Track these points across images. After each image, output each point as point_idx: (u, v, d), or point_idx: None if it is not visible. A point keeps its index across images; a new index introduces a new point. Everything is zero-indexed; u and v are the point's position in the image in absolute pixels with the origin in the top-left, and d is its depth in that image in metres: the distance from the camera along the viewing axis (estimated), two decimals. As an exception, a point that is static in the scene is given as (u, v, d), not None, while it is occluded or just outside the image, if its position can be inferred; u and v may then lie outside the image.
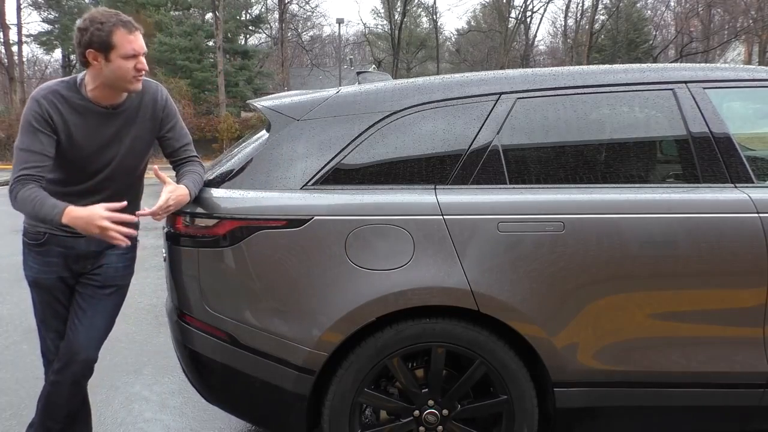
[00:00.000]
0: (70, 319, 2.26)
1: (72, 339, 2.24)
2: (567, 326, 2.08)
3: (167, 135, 2.29)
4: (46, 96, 2.08)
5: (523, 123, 2.22)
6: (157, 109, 2.24)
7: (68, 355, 2.23)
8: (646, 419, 2.19)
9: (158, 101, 2.25)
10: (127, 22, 2.04)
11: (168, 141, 2.30)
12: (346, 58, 44.50)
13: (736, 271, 2.09)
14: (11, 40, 30.62)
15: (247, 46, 37.42)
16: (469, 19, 53.41)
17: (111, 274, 2.28)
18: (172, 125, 2.30)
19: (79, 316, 2.25)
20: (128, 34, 2.03)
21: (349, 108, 2.25)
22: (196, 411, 3.04)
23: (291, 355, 2.09)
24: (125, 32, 2.03)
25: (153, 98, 2.24)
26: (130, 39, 2.04)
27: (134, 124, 2.20)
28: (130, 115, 2.19)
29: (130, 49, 2.04)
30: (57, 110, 2.08)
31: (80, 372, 2.25)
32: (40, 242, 2.21)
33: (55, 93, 2.10)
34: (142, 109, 2.21)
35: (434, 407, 2.15)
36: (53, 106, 2.07)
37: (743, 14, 32.37)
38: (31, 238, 2.24)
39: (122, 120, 2.18)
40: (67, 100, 2.10)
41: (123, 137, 2.19)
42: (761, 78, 2.34)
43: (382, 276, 2.06)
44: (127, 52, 2.03)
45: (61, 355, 2.26)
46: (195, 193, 2.17)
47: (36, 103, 2.07)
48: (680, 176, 2.24)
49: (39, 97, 2.08)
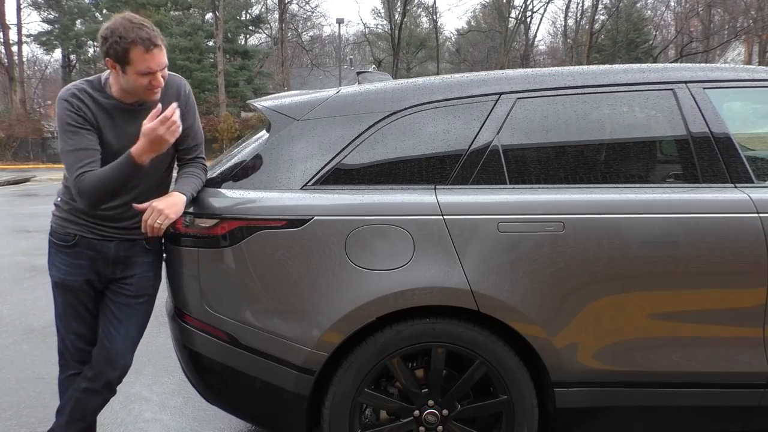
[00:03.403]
0: (104, 327, 2.27)
1: (109, 347, 2.25)
2: (567, 326, 2.08)
3: (185, 131, 2.25)
4: (74, 94, 2.10)
5: (523, 123, 2.22)
6: (180, 103, 2.23)
7: (105, 362, 2.25)
8: (646, 419, 2.19)
9: (181, 96, 2.25)
10: (146, 39, 2.00)
11: (183, 137, 2.26)
12: (346, 58, 44.52)
13: (736, 271, 2.08)
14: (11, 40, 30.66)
15: (247, 46, 37.45)
16: (469, 19, 53.47)
17: (144, 283, 2.29)
18: (191, 123, 2.29)
19: (114, 325, 2.26)
20: (145, 53, 2.01)
21: (349, 108, 2.25)
22: (196, 411, 3.04)
23: (291, 355, 2.09)
24: (142, 50, 2.01)
25: (176, 93, 2.24)
26: (145, 58, 2.02)
27: None
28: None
29: (144, 68, 2.03)
30: (87, 107, 2.10)
31: (117, 378, 2.30)
32: (70, 244, 2.21)
33: (81, 91, 2.11)
34: (165, 104, 2.19)
35: (434, 407, 2.15)
36: (83, 102, 2.09)
37: (743, 14, 32.38)
38: (60, 239, 2.23)
39: (146, 116, 2.16)
40: (94, 98, 2.12)
41: None
42: (761, 78, 2.34)
43: (382, 276, 2.06)
44: (141, 70, 2.03)
45: (95, 363, 2.27)
46: (191, 195, 2.16)
47: (67, 102, 2.08)
48: (680, 176, 2.24)
49: (67, 96, 2.09)
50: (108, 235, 2.21)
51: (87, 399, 2.28)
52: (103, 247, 2.22)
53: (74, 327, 2.29)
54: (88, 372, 2.28)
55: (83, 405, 2.29)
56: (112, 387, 2.31)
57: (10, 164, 25.79)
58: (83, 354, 2.31)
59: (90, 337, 2.31)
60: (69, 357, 2.32)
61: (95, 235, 2.20)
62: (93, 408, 2.32)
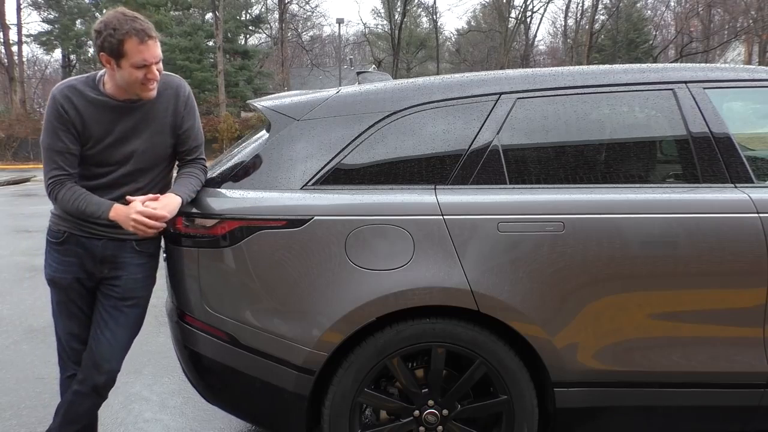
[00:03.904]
0: (93, 329, 2.26)
1: (95, 350, 2.24)
2: (567, 326, 2.08)
3: (184, 133, 2.27)
4: (62, 91, 2.12)
5: (523, 123, 2.22)
6: (179, 104, 2.23)
7: (91, 366, 2.24)
8: (646, 419, 2.19)
9: (180, 96, 2.24)
10: (140, 30, 2.01)
11: (183, 139, 2.27)
12: (346, 58, 44.52)
13: (736, 271, 2.08)
14: (11, 40, 30.66)
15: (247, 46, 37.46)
16: (469, 19, 53.48)
17: (130, 285, 2.26)
18: (191, 124, 2.28)
19: (101, 328, 2.25)
20: (139, 44, 2.01)
21: (349, 108, 2.25)
22: (196, 411, 3.04)
23: (291, 355, 2.09)
24: (137, 42, 2.01)
25: (175, 94, 2.23)
26: (140, 49, 2.02)
27: (154, 119, 2.19)
28: (149, 110, 2.18)
29: (140, 59, 2.02)
30: (71, 103, 2.10)
31: (102, 383, 2.26)
32: (60, 240, 2.22)
33: (70, 88, 2.13)
34: (162, 104, 2.20)
35: (434, 407, 2.15)
36: (68, 100, 2.10)
37: (743, 14, 32.38)
38: (53, 236, 2.24)
39: (140, 114, 2.17)
40: (83, 93, 2.12)
41: (141, 131, 2.18)
42: (761, 78, 2.34)
43: (382, 276, 2.06)
44: (136, 62, 2.02)
45: (83, 366, 2.26)
46: (188, 197, 2.16)
47: (53, 99, 2.11)
48: (680, 176, 2.24)
49: (56, 92, 2.12)
50: (95, 233, 2.19)
51: (78, 402, 2.27)
52: (90, 245, 2.21)
53: (68, 326, 2.28)
54: (79, 375, 2.27)
55: (75, 408, 2.28)
56: (100, 391, 2.27)
57: (10, 164, 25.79)
58: (78, 354, 2.30)
59: (83, 336, 2.30)
60: (66, 357, 2.31)
61: (83, 233, 2.19)
62: (84, 411, 2.29)
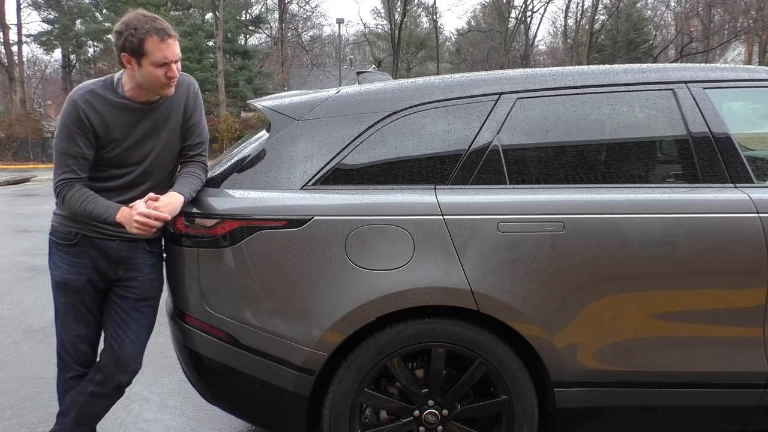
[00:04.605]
0: (113, 331, 2.27)
1: (119, 351, 2.26)
2: (567, 326, 2.08)
3: (190, 128, 2.29)
4: (83, 96, 2.12)
5: (523, 123, 2.22)
6: (189, 100, 2.27)
7: (115, 367, 2.26)
8: (646, 419, 2.19)
9: (190, 93, 2.28)
10: (161, 29, 2.05)
11: (188, 133, 2.29)
12: (346, 58, 44.52)
13: (736, 271, 2.08)
14: (11, 40, 30.66)
15: (247, 46, 37.47)
16: (469, 19, 53.48)
17: (147, 285, 2.30)
18: (197, 120, 2.31)
19: (124, 330, 2.27)
20: (160, 42, 2.05)
21: (349, 108, 2.25)
22: (196, 411, 3.04)
23: (291, 355, 2.09)
24: (157, 40, 2.04)
25: (186, 91, 2.27)
26: (161, 47, 2.05)
27: (170, 117, 2.23)
28: (165, 109, 2.22)
29: (161, 57, 2.05)
30: (93, 108, 2.11)
31: (126, 382, 2.31)
32: (72, 242, 2.21)
33: (91, 92, 2.13)
34: (176, 102, 2.24)
35: (434, 407, 2.15)
36: (89, 105, 2.11)
37: (743, 14, 32.38)
38: (62, 237, 2.23)
39: (158, 114, 2.20)
40: (104, 97, 2.13)
41: (160, 130, 2.21)
42: (761, 78, 2.34)
43: (382, 276, 2.06)
44: (157, 60, 2.05)
45: (102, 367, 2.27)
46: (189, 196, 2.17)
47: (73, 103, 2.11)
48: (680, 176, 2.24)
49: (76, 97, 2.12)
50: (109, 234, 2.20)
51: (94, 403, 2.28)
52: (105, 246, 2.22)
53: (75, 328, 2.27)
54: (96, 376, 2.27)
55: (90, 409, 2.28)
56: (122, 390, 2.32)
57: (10, 164, 25.79)
58: (83, 356, 2.31)
59: (91, 338, 2.31)
60: (69, 359, 2.30)
61: (97, 234, 2.20)
62: (101, 411, 2.32)
